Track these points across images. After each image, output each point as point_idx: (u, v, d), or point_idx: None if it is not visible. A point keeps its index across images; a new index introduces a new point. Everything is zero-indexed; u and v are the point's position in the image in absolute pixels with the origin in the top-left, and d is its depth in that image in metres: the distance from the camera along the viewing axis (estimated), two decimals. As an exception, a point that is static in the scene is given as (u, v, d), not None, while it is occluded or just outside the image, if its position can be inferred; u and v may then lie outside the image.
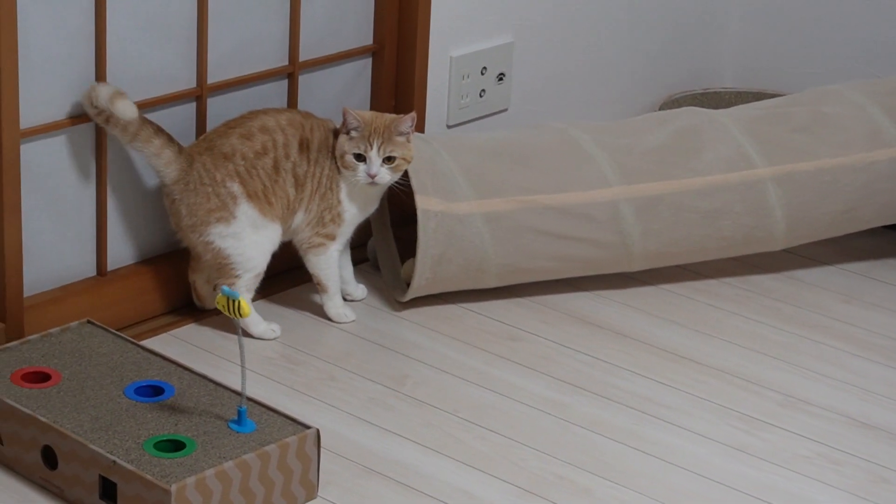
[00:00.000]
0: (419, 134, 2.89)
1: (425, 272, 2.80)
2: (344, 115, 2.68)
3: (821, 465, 2.47)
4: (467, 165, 2.84)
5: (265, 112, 2.72)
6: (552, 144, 2.91)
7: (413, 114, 2.68)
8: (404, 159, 2.69)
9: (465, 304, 2.90)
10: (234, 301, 2.21)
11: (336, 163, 2.71)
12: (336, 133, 2.72)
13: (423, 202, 2.76)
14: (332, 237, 2.74)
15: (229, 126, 2.69)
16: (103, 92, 2.51)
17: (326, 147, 2.72)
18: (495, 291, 2.94)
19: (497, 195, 2.82)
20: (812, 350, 2.82)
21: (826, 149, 2.96)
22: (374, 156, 2.66)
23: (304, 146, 2.71)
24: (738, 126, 2.97)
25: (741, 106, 3.06)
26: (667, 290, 3.01)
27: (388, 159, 2.68)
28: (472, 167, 2.84)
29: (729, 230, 2.93)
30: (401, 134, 2.68)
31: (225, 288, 2.25)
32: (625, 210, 2.87)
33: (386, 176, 2.68)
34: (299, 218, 2.73)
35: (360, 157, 2.67)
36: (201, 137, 2.71)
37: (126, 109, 2.50)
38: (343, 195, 2.73)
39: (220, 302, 2.23)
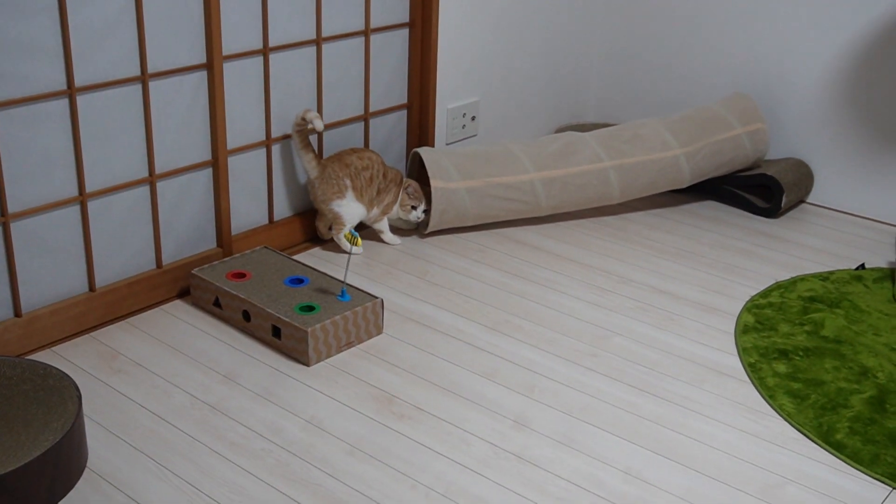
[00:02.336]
0: (430, 148, 2.86)
1: (436, 218, 2.80)
2: (410, 185, 2.74)
3: (637, 310, 2.48)
4: (456, 163, 2.82)
5: (372, 151, 2.72)
6: (499, 152, 2.88)
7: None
8: (427, 210, 2.77)
9: (456, 234, 2.89)
10: (355, 237, 2.28)
11: (395, 190, 2.73)
12: (400, 181, 2.75)
13: (434, 182, 2.76)
14: (385, 215, 2.75)
15: (354, 151, 2.68)
16: (311, 113, 2.53)
17: (394, 181, 2.73)
18: (472, 227, 2.93)
19: (472, 178, 2.81)
20: (634, 254, 2.81)
21: (640, 151, 2.93)
22: (421, 208, 2.75)
23: (385, 176, 2.71)
24: (595, 141, 2.94)
25: (597, 130, 3.02)
26: (561, 225, 2.98)
27: (425, 211, 2.76)
28: (459, 164, 2.82)
29: (590, 194, 2.91)
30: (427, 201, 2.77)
31: (353, 230, 2.31)
32: (537, 185, 2.86)
33: (421, 216, 2.76)
34: (375, 211, 2.72)
35: (414, 207, 2.74)
36: (336, 154, 2.68)
37: (320, 124, 2.53)
38: (395, 205, 2.76)
39: (347, 236, 2.30)
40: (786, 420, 2.06)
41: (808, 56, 3.14)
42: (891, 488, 1.87)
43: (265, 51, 2.51)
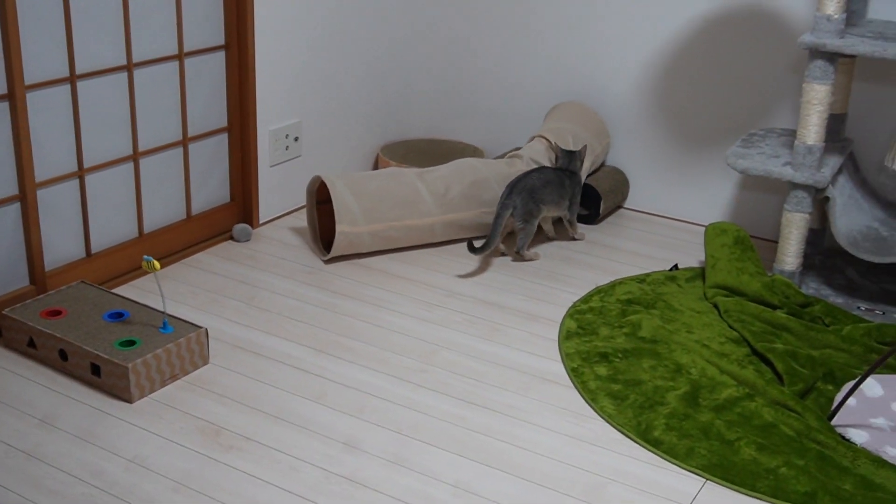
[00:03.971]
0: (337, 179, 2.79)
1: (335, 250, 2.77)
2: None
3: (464, 323, 2.47)
4: (364, 206, 2.78)
5: None
6: (408, 194, 2.85)
7: None
8: None
9: (281, 258, 2.83)
10: (149, 262, 2.16)
11: None
12: None
13: (340, 227, 2.74)
14: None
15: None
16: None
17: None
18: (295, 248, 2.89)
19: (378, 222, 2.80)
20: (459, 266, 2.77)
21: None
22: None
23: None
24: (496, 181, 2.93)
25: (497, 165, 2.99)
26: (445, 249, 2.96)
27: None
28: (367, 207, 2.78)
29: (477, 231, 2.95)
30: None
31: (146, 257, 2.17)
32: (437, 227, 2.88)
33: None
34: None
35: None
36: None
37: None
38: None
39: (144, 265, 2.16)
40: (607, 421, 2.11)
41: (617, 68, 3.26)
42: (704, 479, 1.95)
43: (72, 78, 2.44)
